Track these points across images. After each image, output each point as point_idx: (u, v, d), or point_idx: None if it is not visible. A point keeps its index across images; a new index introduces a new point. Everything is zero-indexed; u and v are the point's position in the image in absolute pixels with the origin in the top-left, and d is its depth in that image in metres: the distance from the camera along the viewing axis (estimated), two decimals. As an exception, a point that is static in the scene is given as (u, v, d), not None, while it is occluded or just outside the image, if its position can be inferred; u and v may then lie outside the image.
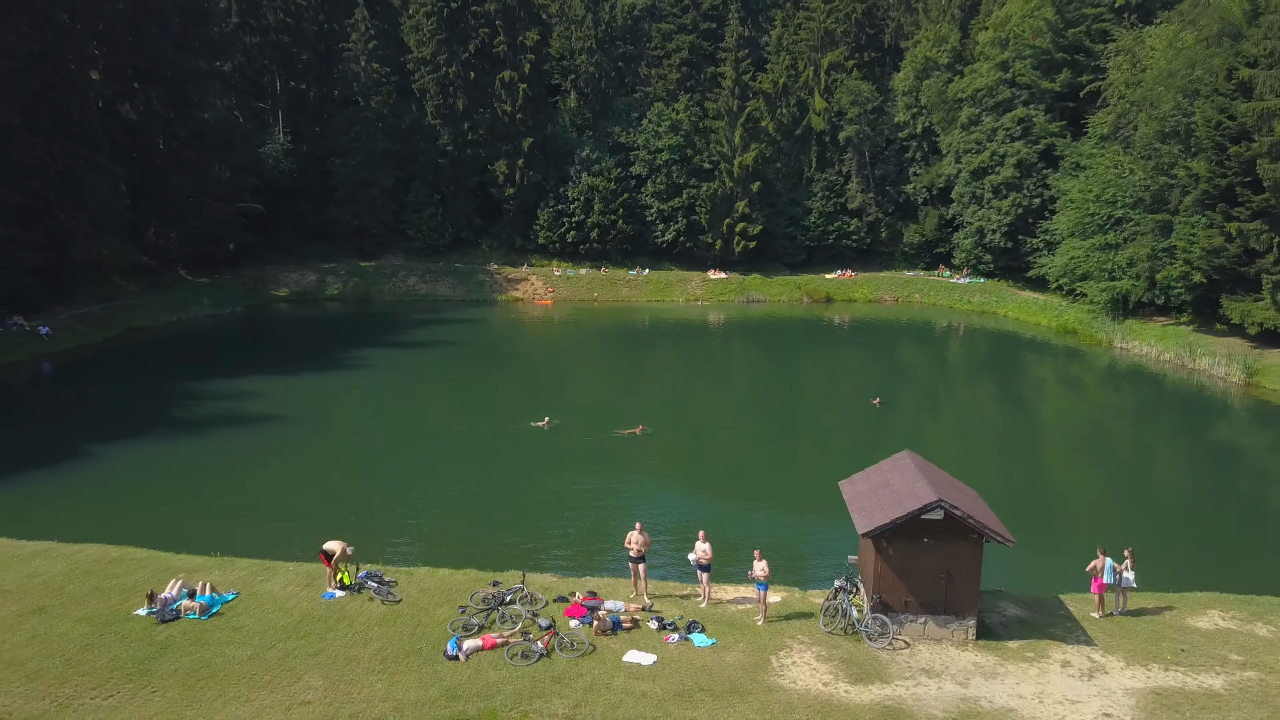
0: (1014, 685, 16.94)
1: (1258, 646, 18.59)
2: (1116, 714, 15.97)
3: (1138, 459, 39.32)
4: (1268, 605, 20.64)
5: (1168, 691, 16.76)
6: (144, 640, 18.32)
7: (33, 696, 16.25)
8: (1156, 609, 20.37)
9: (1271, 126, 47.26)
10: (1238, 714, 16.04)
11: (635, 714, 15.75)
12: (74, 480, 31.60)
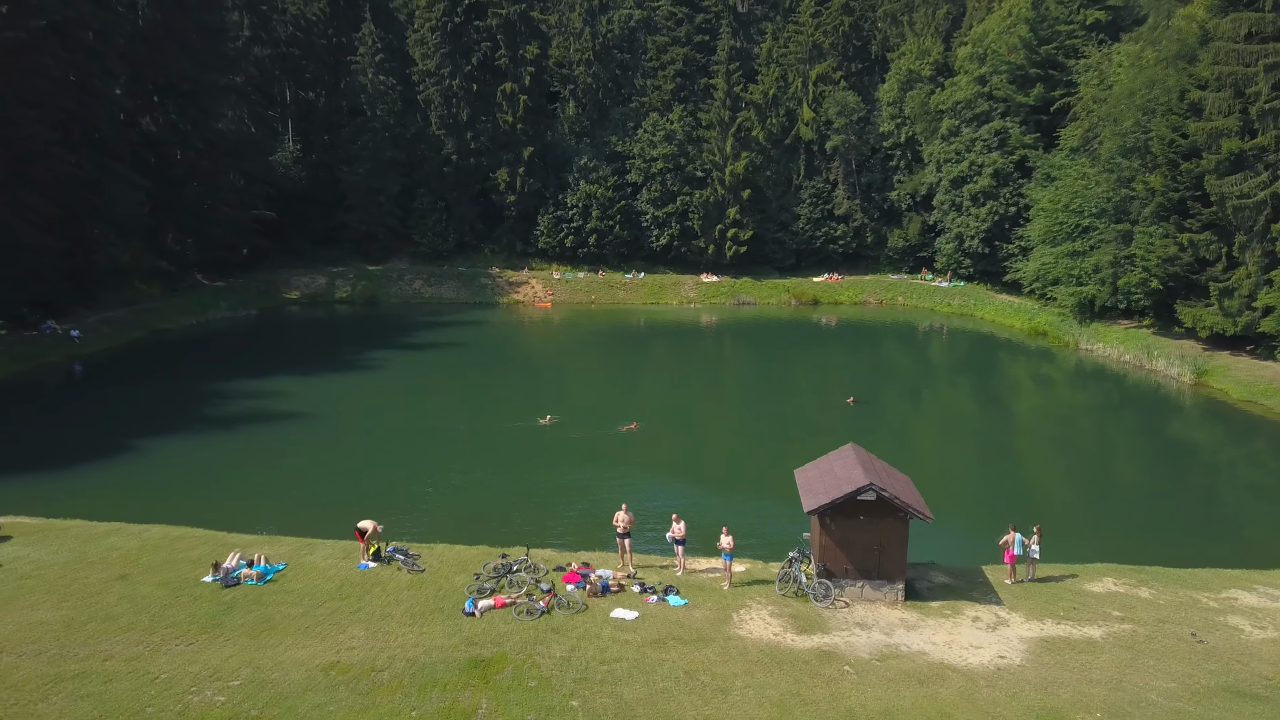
0: (930, 635, 20.70)
1: (1137, 605, 22.36)
2: (1009, 656, 19.74)
3: (1086, 451, 43.08)
4: (1155, 573, 24.43)
5: (1054, 639, 20.53)
6: (213, 601, 22.08)
7: (129, 643, 19.98)
8: (1060, 576, 24.15)
9: (1219, 145, 50.97)
10: (1107, 656, 19.79)
11: (619, 656, 19.50)
12: (127, 470, 35.38)
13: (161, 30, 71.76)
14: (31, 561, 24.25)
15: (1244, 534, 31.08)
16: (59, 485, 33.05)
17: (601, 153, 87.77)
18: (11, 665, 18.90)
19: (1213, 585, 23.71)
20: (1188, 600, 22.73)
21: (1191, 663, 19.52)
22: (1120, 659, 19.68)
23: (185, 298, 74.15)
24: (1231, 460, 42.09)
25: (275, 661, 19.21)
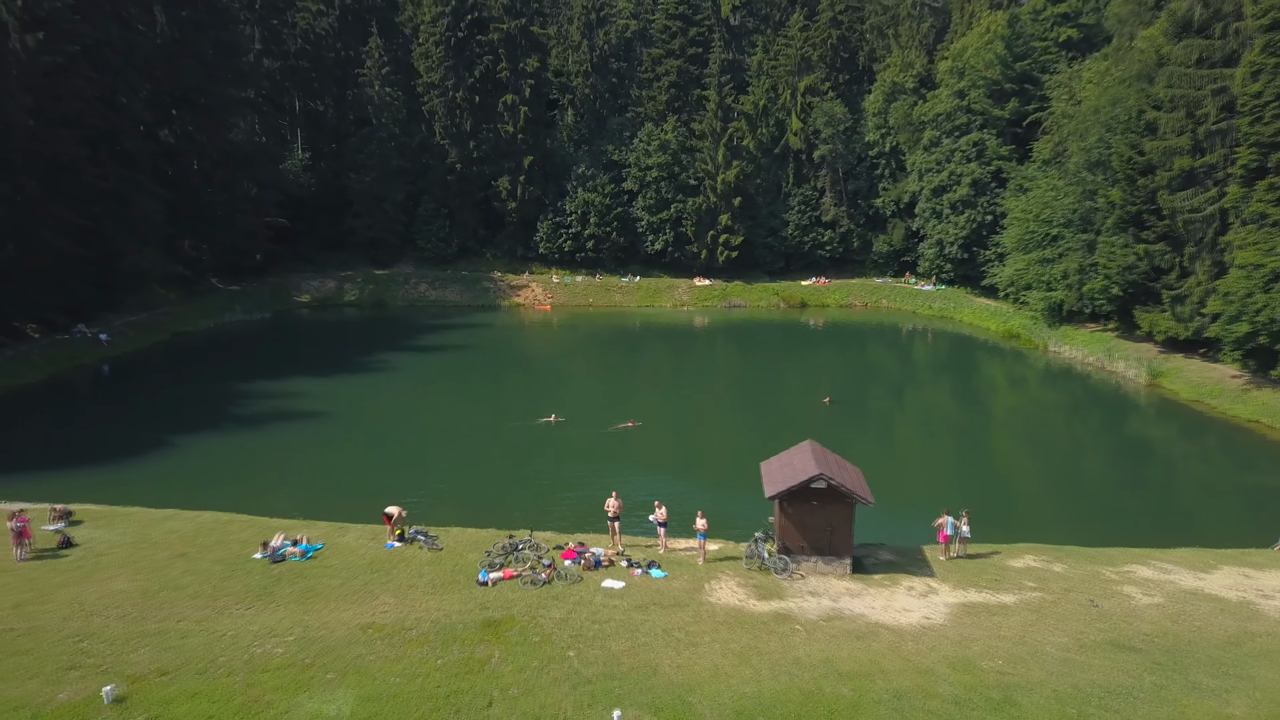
0: (870, 601, 24.56)
1: (1049, 578, 26.24)
2: (934, 617, 23.61)
3: (1039, 445, 47.03)
4: (1070, 551, 28.31)
5: (974, 604, 24.40)
6: (264, 574, 25.94)
7: (196, 608, 23.84)
8: (988, 554, 28.03)
9: (1171, 162, 54.78)
10: (1017, 618, 23.66)
11: (608, 618, 23.36)
12: (170, 463, 39.26)
13: (179, 47, 75.48)
14: (104, 542, 28.13)
15: (1163, 518, 34.94)
16: (111, 476, 36.90)
17: (599, 161, 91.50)
18: (103, 624, 22.76)
19: (1117, 561, 27.59)
20: (1092, 573, 26.61)
21: (1085, 623, 23.39)
22: (1027, 620, 23.55)
23: (203, 301, 77.96)
24: (1168, 454, 46.04)
25: (321, 622, 23.07)
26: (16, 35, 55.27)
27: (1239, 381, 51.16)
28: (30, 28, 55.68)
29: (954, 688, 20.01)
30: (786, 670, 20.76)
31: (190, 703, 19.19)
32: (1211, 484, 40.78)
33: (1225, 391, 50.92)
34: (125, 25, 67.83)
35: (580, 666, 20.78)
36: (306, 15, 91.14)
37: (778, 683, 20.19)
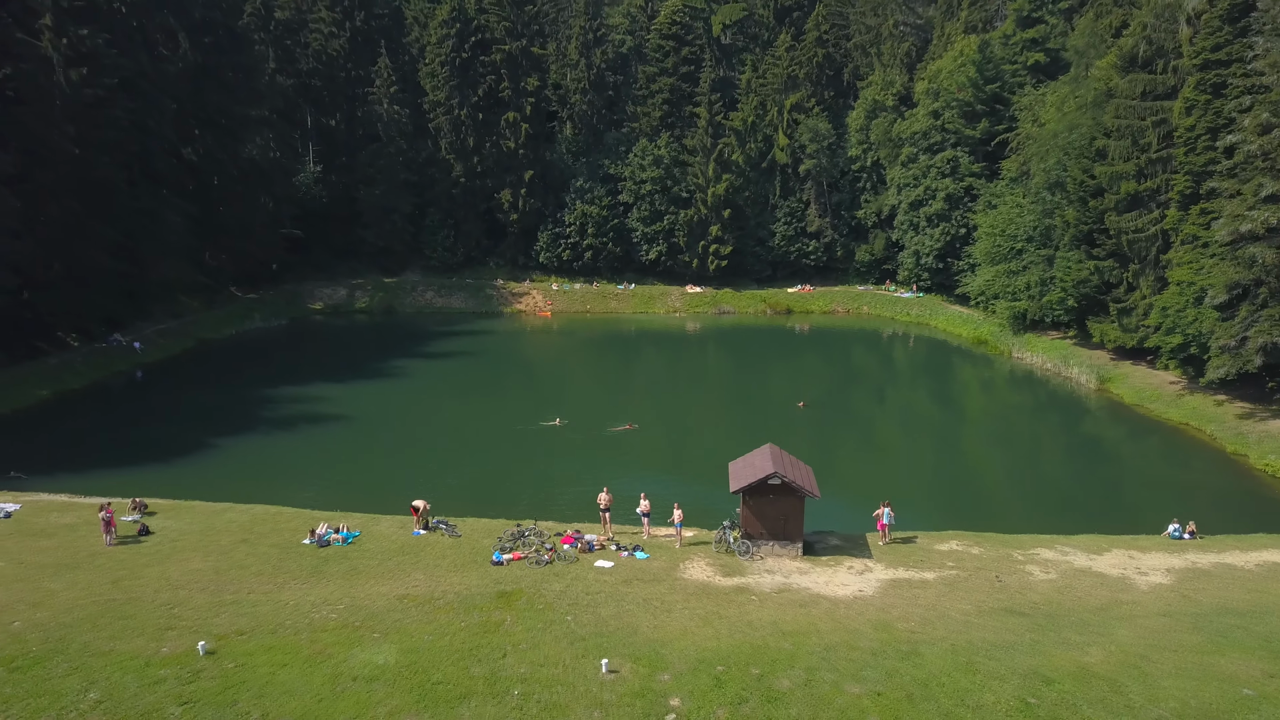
0: (815, 578, 29.80)
1: (967, 559, 31.48)
2: (866, 590, 28.85)
3: (988, 443, 52.39)
4: (988, 537, 33.54)
5: (900, 580, 29.64)
6: (313, 556, 31.16)
7: (261, 583, 29.06)
8: (920, 539, 33.25)
9: (1118, 186, 59.93)
10: (933, 590, 28.90)
11: (599, 590, 28.58)
12: (215, 463, 44.49)
13: (201, 71, 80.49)
14: (175, 530, 33.36)
15: (1083, 508, 40.16)
16: (165, 474, 42.11)
17: (596, 175, 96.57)
18: (187, 596, 28.01)
19: (1026, 545, 32.83)
20: (1004, 555, 31.85)
21: (988, 594, 28.63)
22: (941, 591, 28.80)
23: (224, 310, 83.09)
24: (1104, 452, 51.34)
25: (364, 594, 28.30)
26: (61, 70, 60.34)
27: (1176, 387, 56.37)
28: (74, 63, 60.76)
29: (872, 643, 25.24)
30: (741, 630, 25.99)
31: (267, 654, 24.42)
32: (1136, 479, 46.09)
33: (1163, 396, 56.16)
34: (154, 54, 72.85)
35: (576, 627, 26.01)
36: (319, 36, 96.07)
37: (733, 639, 25.42)
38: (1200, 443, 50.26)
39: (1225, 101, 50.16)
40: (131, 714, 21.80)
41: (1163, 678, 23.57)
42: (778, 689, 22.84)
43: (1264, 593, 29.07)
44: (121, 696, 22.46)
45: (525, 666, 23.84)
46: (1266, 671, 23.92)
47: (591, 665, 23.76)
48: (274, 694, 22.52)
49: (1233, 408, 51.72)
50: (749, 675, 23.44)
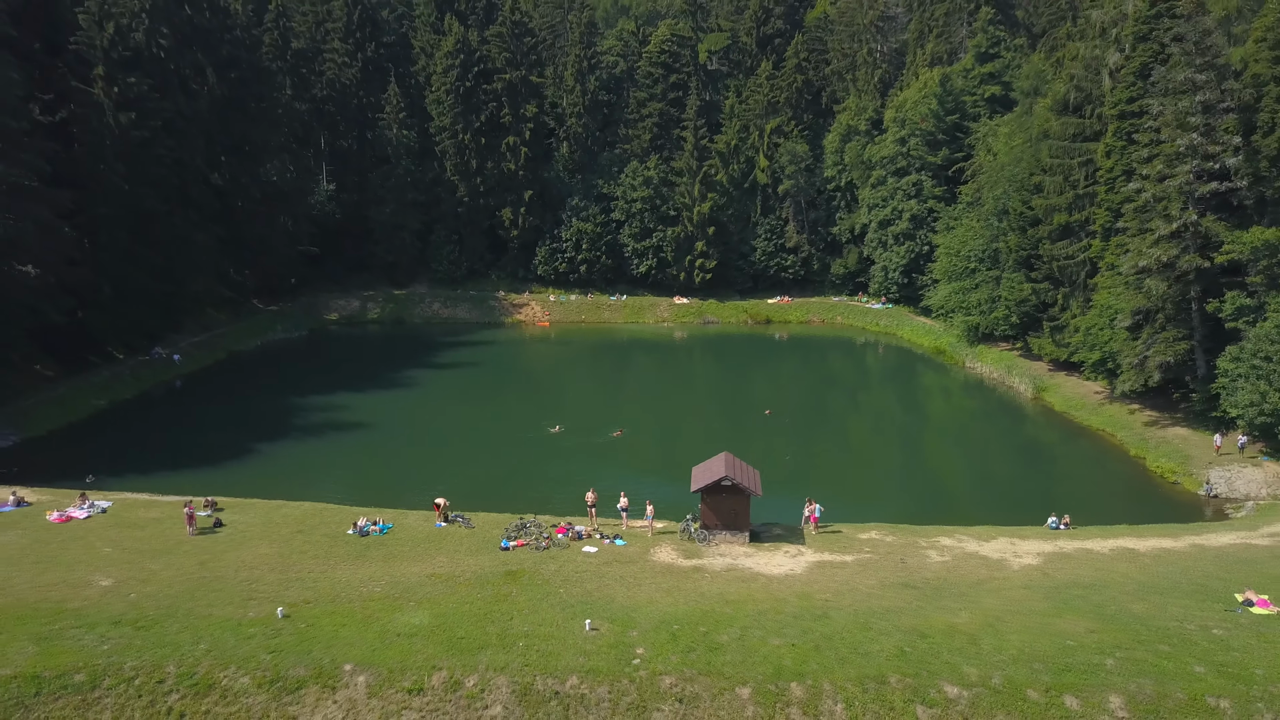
0: (757, 560, 37.44)
1: (881, 546, 39.14)
2: (795, 569, 36.50)
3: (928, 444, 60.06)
4: (902, 528, 41.18)
5: (824, 562, 37.30)
6: (356, 544, 38.79)
7: (317, 565, 36.69)
8: (845, 529, 40.91)
9: (1052, 218, 67.49)
10: (848, 570, 36.54)
11: (585, 569, 36.22)
12: (259, 465, 52.13)
13: (227, 103, 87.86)
14: (242, 523, 41.00)
15: (993, 501, 47.86)
16: (221, 475, 49.77)
17: (590, 194, 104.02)
18: (261, 574, 35.63)
19: (931, 534, 40.49)
20: (911, 542, 39.52)
21: (891, 572, 36.29)
22: (854, 570, 36.46)
23: (249, 321, 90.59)
24: (1026, 453, 59.22)
25: (400, 573, 35.92)
26: (112, 114, 67.80)
27: (1099, 397, 64.02)
28: (123, 107, 68.22)
29: (794, 608, 32.90)
30: (694, 599, 33.65)
31: (330, 618, 32.05)
32: (1046, 478, 53.80)
33: (1087, 405, 63.84)
34: (188, 92, 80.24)
35: (566, 597, 33.65)
36: (333, 66, 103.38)
37: (688, 606, 33.07)
38: (1111, 446, 57.95)
39: (1136, 149, 57.62)
40: (233, 659, 29.50)
41: (1010, 633, 31.23)
42: (718, 641, 30.50)
43: (1108, 571, 36.76)
44: (224, 647, 30.14)
45: (528, 626, 31.50)
46: (1089, 629, 31.58)
47: (578, 625, 31.38)
48: (339, 645, 30.18)
49: (1142, 416, 59.40)
50: (697, 632, 31.10)
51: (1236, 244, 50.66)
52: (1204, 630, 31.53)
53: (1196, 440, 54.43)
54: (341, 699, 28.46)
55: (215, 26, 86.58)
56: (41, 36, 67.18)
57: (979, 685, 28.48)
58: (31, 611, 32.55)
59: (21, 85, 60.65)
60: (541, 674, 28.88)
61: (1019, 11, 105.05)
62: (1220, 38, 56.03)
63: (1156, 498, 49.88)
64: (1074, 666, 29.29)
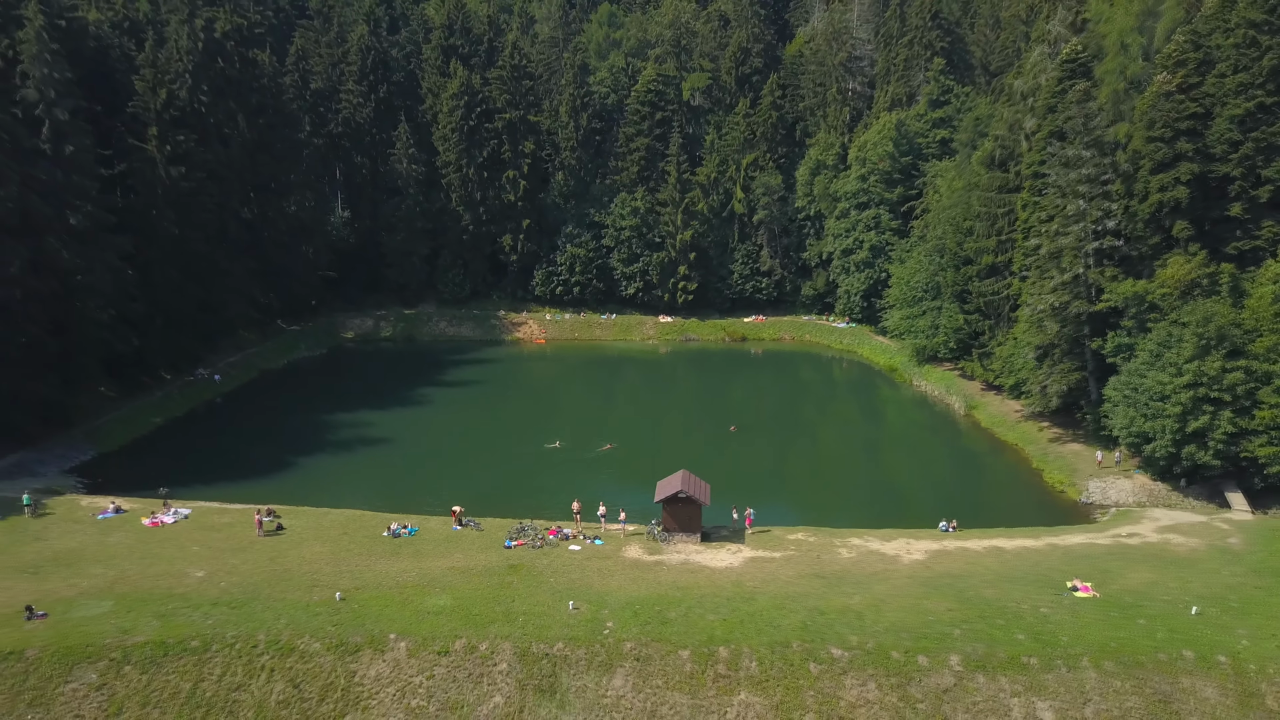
0: (705, 556, 47.88)
1: (804, 545, 49.58)
2: (733, 563, 46.93)
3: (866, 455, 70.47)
4: (823, 530, 51.58)
5: (757, 558, 47.76)
6: (390, 543, 49.27)
7: (361, 560, 47.13)
8: (777, 531, 51.35)
9: (980, 259, 77.82)
10: (775, 563, 46.97)
11: (570, 563, 46.70)
12: (300, 477, 62.50)
13: (257, 145, 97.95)
14: (299, 527, 51.43)
15: (905, 507, 58.26)
16: (270, 485, 60.11)
17: (583, 222, 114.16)
18: (319, 567, 46.07)
19: (845, 536, 50.88)
20: (828, 542, 49.95)
21: (808, 566, 46.72)
22: (779, 564, 46.91)
23: (275, 341, 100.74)
24: (947, 464, 69.64)
25: (427, 567, 46.37)
26: (163, 168, 77.95)
27: (1018, 415, 74.41)
28: (174, 162, 78.41)
29: (728, 593, 43.35)
30: (653, 586, 44.11)
31: (376, 600, 42.50)
32: (957, 485, 64.26)
33: (1006, 422, 74.27)
34: (224, 140, 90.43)
35: (555, 585, 44.11)
36: (348, 105, 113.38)
37: (648, 591, 43.52)
38: (1020, 459, 68.47)
39: (1037, 210, 67.86)
40: (306, 630, 39.93)
41: (889, 612, 41.72)
42: (668, 617, 40.98)
43: (976, 565, 47.25)
44: (298, 622, 40.59)
45: (526, 606, 41.96)
46: (948, 608, 42.05)
47: (564, 605, 41.83)
48: (384, 620, 40.62)
49: (1048, 433, 69.87)
50: (653, 610, 41.57)
51: (1114, 294, 61.10)
52: (1034, 609, 42.12)
53: (1087, 455, 64.90)
54: (389, 659, 38.91)
55: (246, 77, 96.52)
56: (104, 101, 77.34)
57: (857, 649, 39.04)
58: (149, 595, 43.06)
59: (92, 149, 70.87)
60: (536, 641, 39.40)
61: (976, 51, 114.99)
62: (1107, 116, 66.45)
63: (1045, 504, 60.44)
64: (929, 635, 39.88)
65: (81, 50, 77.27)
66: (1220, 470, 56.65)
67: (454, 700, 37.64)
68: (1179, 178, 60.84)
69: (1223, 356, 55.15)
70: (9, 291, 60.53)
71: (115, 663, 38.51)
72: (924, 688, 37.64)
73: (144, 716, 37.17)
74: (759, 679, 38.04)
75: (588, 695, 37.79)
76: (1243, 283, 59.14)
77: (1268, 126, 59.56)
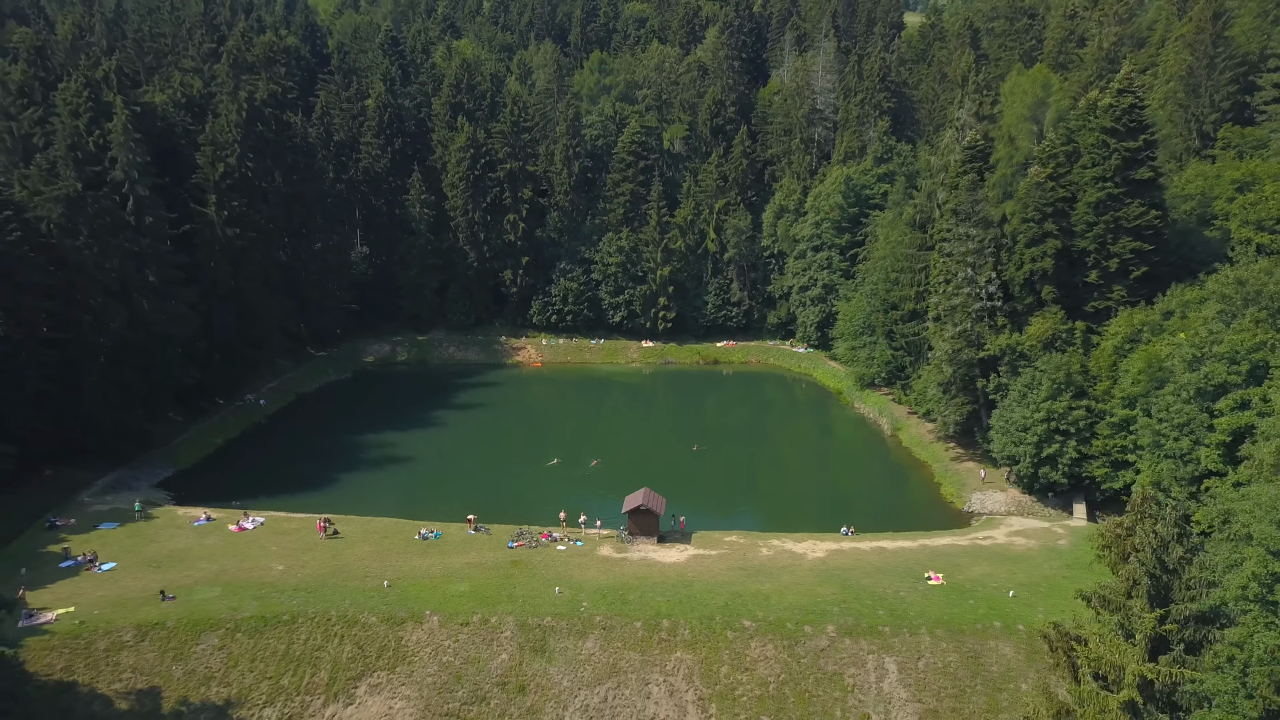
0: (659, 554, 63.42)
1: (735, 545, 65.10)
2: (680, 560, 62.49)
3: (802, 467, 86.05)
4: (753, 534, 67.07)
5: (698, 555, 63.33)
6: (421, 544, 64.93)
7: (401, 557, 62.76)
8: (716, 535, 66.84)
9: (903, 305, 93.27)
10: (711, 560, 62.51)
11: (557, 559, 62.34)
12: (344, 491, 78.02)
13: (291, 197, 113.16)
14: (350, 532, 66.99)
15: (822, 514, 73.71)
16: (320, 497, 75.61)
17: (575, 259, 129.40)
18: (368, 563, 61.69)
19: (768, 538, 66.33)
20: (753, 543, 65.42)
21: (735, 561, 62.22)
22: (714, 560, 62.41)
23: (307, 367, 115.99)
24: (867, 478, 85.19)
25: (450, 562, 61.97)
26: (220, 229, 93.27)
27: (930, 437, 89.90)
28: (230, 224, 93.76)
29: (674, 581, 58.92)
30: (619, 576, 59.71)
31: (414, 587, 58.16)
32: (870, 496, 79.79)
33: (922, 442, 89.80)
34: (265, 196, 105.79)
35: (546, 576, 59.73)
36: (368, 156, 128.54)
37: (615, 580, 59.11)
38: (927, 474, 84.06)
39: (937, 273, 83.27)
40: (364, 608, 55.58)
41: (789, 595, 57.32)
42: (628, 599, 56.60)
43: (862, 561, 62.79)
44: (358, 602, 56.23)
45: (524, 590, 57.58)
46: (833, 593, 57.65)
47: (551, 590, 57.42)
48: (421, 601, 56.23)
49: (952, 453, 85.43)
50: (617, 594, 57.18)
51: (993, 345, 76.63)
52: (895, 593, 57.72)
53: (977, 472, 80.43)
54: (425, 628, 54.50)
55: (281, 139, 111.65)
56: (170, 172, 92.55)
57: (762, 620, 54.68)
58: (246, 584, 58.59)
59: (165, 217, 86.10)
60: (531, 615, 55.01)
61: (922, 108, 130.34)
62: (998, 194, 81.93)
63: (937, 513, 76.02)
64: (815, 611, 55.54)
65: (151, 130, 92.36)
66: (1068, 485, 72.24)
67: (473, 657, 53.23)
68: (1046, 251, 76.40)
69: (1070, 397, 70.75)
70: (116, 342, 75.88)
71: (230, 630, 54.10)
72: (807, 648, 53.28)
73: (253, 668, 52.74)
74: (691, 642, 53.66)
75: (568, 653, 53.42)
76: (1094, 337, 74.84)
77: (1115, 211, 75.02)
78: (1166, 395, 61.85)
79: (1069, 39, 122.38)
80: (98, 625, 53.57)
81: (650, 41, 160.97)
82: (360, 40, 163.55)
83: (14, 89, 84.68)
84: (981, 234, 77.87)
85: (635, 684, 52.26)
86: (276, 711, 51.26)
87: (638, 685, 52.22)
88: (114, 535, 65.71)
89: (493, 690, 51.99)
